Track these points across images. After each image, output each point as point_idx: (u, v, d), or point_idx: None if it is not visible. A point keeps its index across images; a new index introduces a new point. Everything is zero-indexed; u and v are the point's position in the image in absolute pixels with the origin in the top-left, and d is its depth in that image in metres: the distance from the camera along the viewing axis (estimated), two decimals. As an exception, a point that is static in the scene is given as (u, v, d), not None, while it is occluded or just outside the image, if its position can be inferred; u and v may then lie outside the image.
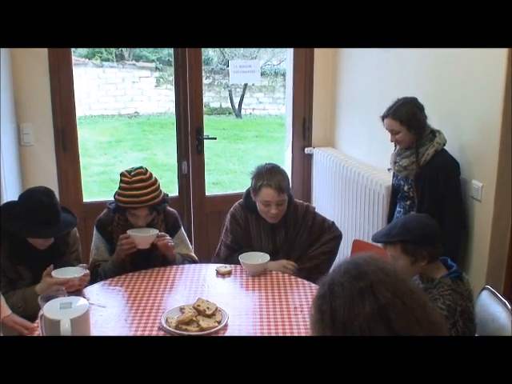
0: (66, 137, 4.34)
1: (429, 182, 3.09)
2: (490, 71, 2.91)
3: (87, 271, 2.77)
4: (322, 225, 3.31)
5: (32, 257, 2.81)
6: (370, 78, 4.26)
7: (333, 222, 3.35)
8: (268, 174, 3.11)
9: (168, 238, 3.04)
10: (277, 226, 3.23)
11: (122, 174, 3.01)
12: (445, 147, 3.13)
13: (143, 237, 2.96)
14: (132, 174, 2.97)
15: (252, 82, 10.82)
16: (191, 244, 4.40)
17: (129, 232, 2.94)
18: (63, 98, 4.28)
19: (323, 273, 3.11)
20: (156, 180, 3.04)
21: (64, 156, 4.36)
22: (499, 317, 2.39)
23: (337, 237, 3.32)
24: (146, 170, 3.02)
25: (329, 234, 3.30)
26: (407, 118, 3.09)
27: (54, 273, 2.67)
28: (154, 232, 2.98)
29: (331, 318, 1.35)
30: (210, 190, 5.14)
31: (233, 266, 3.07)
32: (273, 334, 2.40)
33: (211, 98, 13.38)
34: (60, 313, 2.21)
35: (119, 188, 2.99)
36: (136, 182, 2.94)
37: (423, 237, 2.39)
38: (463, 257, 3.17)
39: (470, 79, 3.09)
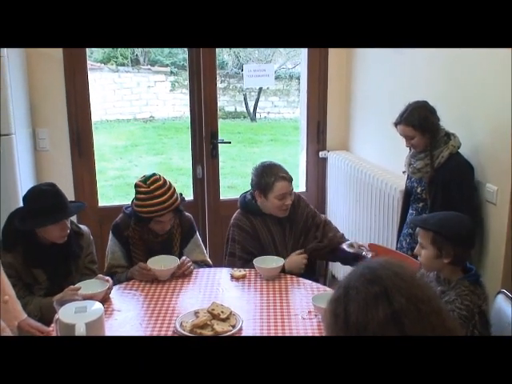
0: (82, 142, 4.37)
1: (442, 184, 3.08)
2: (501, 72, 2.89)
3: (110, 283, 2.78)
4: (311, 208, 3.44)
5: (47, 260, 2.83)
6: (383, 82, 4.25)
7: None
8: (275, 169, 3.20)
9: (189, 264, 3.05)
10: (283, 219, 3.27)
11: (137, 185, 3.02)
12: (460, 150, 3.11)
13: (164, 270, 2.96)
14: (148, 182, 2.97)
15: (266, 85, 10.84)
16: (207, 248, 4.42)
17: (150, 265, 2.94)
18: (79, 103, 4.31)
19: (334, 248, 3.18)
20: (170, 183, 3.06)
21: (80, 161, 4.39)
22: (515, 320, 2.39)
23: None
24: (160, 176, 3.03)
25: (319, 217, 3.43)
26: (420, 122, 3.08)
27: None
28: (175, 263, 2.98)
29: (345, 322, 1.35)
30: (225, 194, 5.14)
31: (247, 269, 3.08)
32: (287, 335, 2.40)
33: (226, 101, 13.42)
34: (75, 317, 2.23)
35: (138, 200, 3.00)
36: (155, 189, 2.96)
37: (456, 235, 2.39)
38: (478, 260, 3.14)
39: (482, 81, 3.07)
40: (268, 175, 3.17)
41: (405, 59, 3.85)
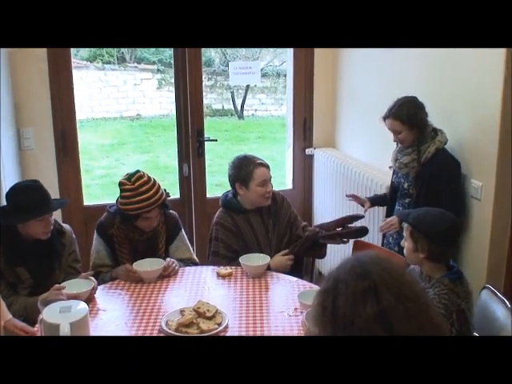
0: (67, 140, 4.34)
1: (428, 179, 3.09)
2: (488, 70, 2.90)
3: (95, 283, 2.77)
4: (293, 210, 3.49)
5: (29, 257, 2.82)
6: (369, 78, 4.25)
7: None
8: (251, 159, 3.27)
9: (174, 264, 3.05)
10: (264, 216, 3.31)
11: (121, 184, 3.00)
12: (445, 146, 3.13)
13: (150, 272, 2.94)
14: (132, 180, 2.97)
15: (252, 83, 10.84)
16: (193, 246, 4.41)
17: (135, 267, 2.93)
18: (63, 102, 4.29)
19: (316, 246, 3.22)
20: (154, 179, 3.05)
21: (64, 160, 4.36)
22: (499, 316, 2.40)
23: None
24: (144, 173, 3.03)
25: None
26: (408, 117, 3.09)
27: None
28: (161, 265, 2.97)
29: (333, 315, 1.35)
30: (213, 192, 5.12)
31: (233, 267, 3.07)
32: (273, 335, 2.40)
33: (213, 99, 13.37)
34: (59, 317, 2.22)
35: (123, 198, 2.99)
36: (140, 186, 2.95)
37: (431, 232, 2.40)
38: (463, 256, 3.16)
39: (469, 78, 3.08)
40: (246, 165, 3.22)
41: (391, 56, 3.85)
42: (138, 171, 3.02)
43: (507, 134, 2.86)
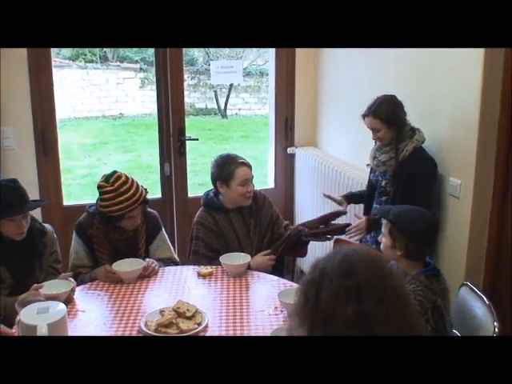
0: (47, 140, 4.31)
1: (405, 177, 3.11)
2: (467, 69, 2.92)
3: (74, 284, 2.74)
4: (275, 209, 3.49)
5: (11, 258, 2.79)
6: (350, 78, 4.27)
7: None
8: (234, 157, 3.27)
9: (154, 264, 3.03)
10: (246, 215, 3.31)
11: (100, 186, 2.99)
12: (423, 145, 3.15)
13: (130, 272, 2.92)
14: (111, 181, 2.95)
15: (234, 82, 10.80)
16: (175, 246, 4.40)
17: (115, 268, 2.91)
18: (44, 101, 4.25)
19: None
20: (132, 178, 3.04)
21: (45, 159, 4.32)
22: (478, 312, 2.42)
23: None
24: (121, 173, 3.01)
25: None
26: (387, 115, 3.11)
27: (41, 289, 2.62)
28: (140, 265, 2.95)
29: (314, 307, 1.36)
30: (196, 191, 5.10)
31: (214, 267, 3.06)
32: (253, 335, 2.39)
33: (197, 98, 13.36)
34: (37, 318, 2.20)
35: (104, 200, 2.96)
36: (120, 186, 2.94)
37: (410, 230, 2.41)
38: (442, 253, 3.18)
39: (448, 77, 3.10)
40: (228, 164, 3.22)
41: (371, 56, 3.87)
42: (115, 172, 3.00)
43: (486, 133, 2.88)
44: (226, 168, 3.21)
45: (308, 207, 4.71)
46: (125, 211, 2.94)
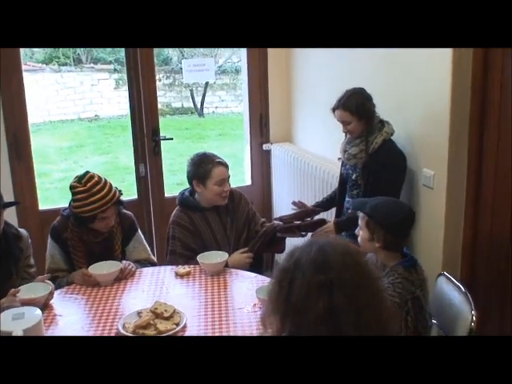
0: (20, 145, 4.26)
1: (374, 169, 3.13)
2: (437, 62, 2.94)
3: (52, 287, 2.71)
4: (252, 207, 3.49)
5: None
6: (322, 74, 4.28)
7: None
8: (211, 156, 3.24)
9: (131, 266, 3.01)
10: (222, 214, 3.30)
11: (72, 187, 2.97)
12: (395, 139, 3.18)
13: (106, 275, 2.89)
14: (83, 181, 2.94)
15: (206, 80, 10.81)
16: (153, 246, 4.39)
17: (91, 271, 2.88)
18: (15, 106, 4.21)
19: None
20: (105, 178, 3.03)
21: (18, 164, 4.28)
22: (455, 301, 2.43)
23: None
24: (93, 173, 3.00)
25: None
26: (357, 108, 3.13)
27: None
28: (117, 267, 2.93)
29: (287, 298, 1.36)
30: (174, 191, 5.07)
31: (192, 266, 3.06)
32: (231, 334, 2.39)
33: (173, 97, 13.30)
34: (12, 324, 2.19)
35: (77, 201, 2.94)
36: (92, 186, 2.92)
37: (387, 222, 2.42)
38: (418, 244, 3.20)
39: (418, 71, 3.13)
40: (205, 163, 3.20)
41: (343, 52, 3.88)
42: (87, 172, 2.99)
43: (457, 124, 2.91)
44: (203, 167, 3.19)
45: (285, 203, 4.71)
46: (97, 211, 2.91)
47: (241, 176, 5.46)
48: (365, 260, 1.47)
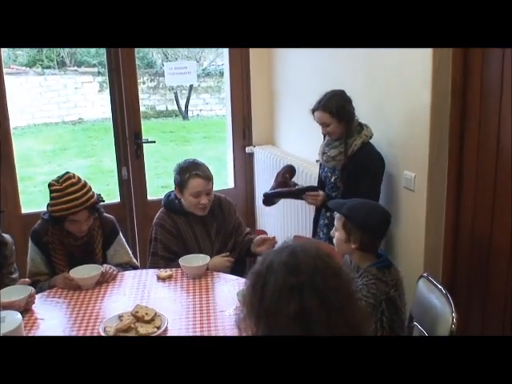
0: (1, 148, 4.22)
1: (353, 171, 3.15)
2: (418, 64, 2.96)
3: (33, 290, 2.69)
4: (238, 217, 3.47)
5: None
6: (305, 76, 4.30)
7: None
8: (193, 166, 3.20)
9: (112, 270, 3.00)
10: (207, 220, 3.27)
11: (50, 185, 2.95)
12: (375, 141, 3.20)
13: (87, 279, 2.88)
14: (61, 181, 2.92)
15: (188, 83, 10.81)
16: (136, 249, 4.37)
17: (72, 274, 2.86)
18: (-4, 110, 4.18)
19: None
20: (86, 181, 3.01)
21: (0, 168, 4.24)
22: (437, 303, 2.44)
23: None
24: (74, 174, 2.98)
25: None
26: (337, 109, 3.15)
27: None
28: (98, 270, 2.91)
29: (259, 301, 1.37)
30: (158, 194, 5.07)
31: (174, 269, 3.05)
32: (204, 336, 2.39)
33: (157, 100, 13.27)
34: (-8, 328, 2.17)
35: (51, 199, 2.93)
36: (68, 187, 2.90)
37: (364, 224, 2.44)
38: (399, 246, 3.22)
39: (400, 73, 3.14)
40: (184, 172, 3.18)
41: (325, 54, 3.90)
42: (67, 172, 2.99)
43: (438, 126, 2.94)
44: (181, 176, 3.18)
45: (268, 205, 4.72)
46: (67, 212, 2.89)
47: (224, 179, 5.46)
48: (337, 263, 1.48)
